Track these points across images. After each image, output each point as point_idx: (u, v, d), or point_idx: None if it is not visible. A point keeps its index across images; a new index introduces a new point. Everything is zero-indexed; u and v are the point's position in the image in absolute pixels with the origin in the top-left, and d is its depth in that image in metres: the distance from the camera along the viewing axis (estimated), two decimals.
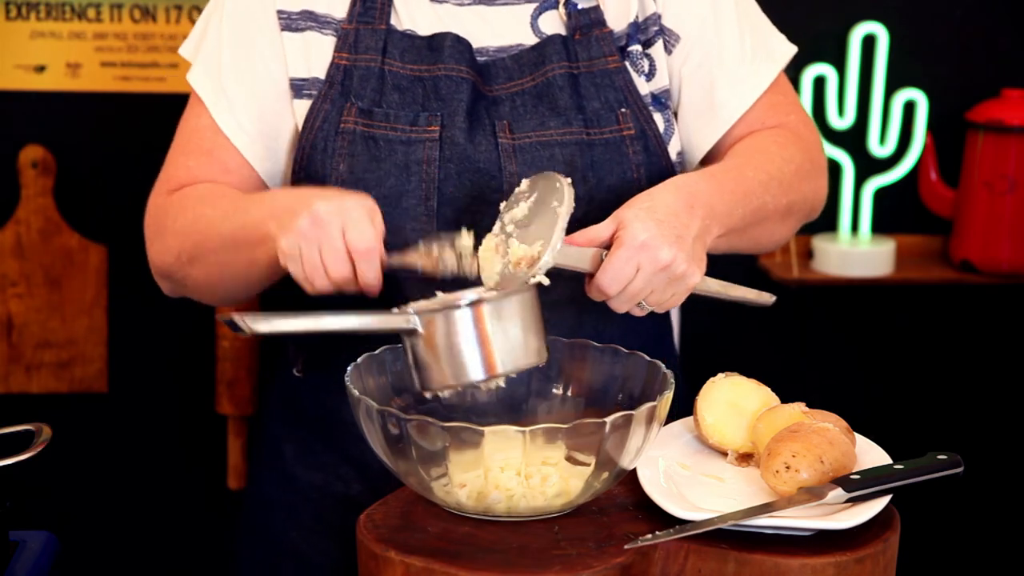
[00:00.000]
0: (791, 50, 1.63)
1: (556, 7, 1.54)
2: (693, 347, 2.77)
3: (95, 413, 2.67)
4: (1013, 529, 2.89)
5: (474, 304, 1.23)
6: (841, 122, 2.77)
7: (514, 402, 1.34)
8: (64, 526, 1.73)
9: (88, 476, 2.69)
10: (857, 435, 1.33)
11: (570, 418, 1.22)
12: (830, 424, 1.27)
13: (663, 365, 1.27)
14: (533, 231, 1.31)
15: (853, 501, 1.20)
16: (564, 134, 1.48)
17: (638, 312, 1.37)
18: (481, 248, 1.35)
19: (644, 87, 1.54)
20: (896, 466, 1.25)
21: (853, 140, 2.78)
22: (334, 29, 1.53)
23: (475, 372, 1.24)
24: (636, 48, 1.54)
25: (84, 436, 2.67)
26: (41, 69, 2.56)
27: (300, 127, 1.52)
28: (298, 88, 1.53)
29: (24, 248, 2.57)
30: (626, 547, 1.15)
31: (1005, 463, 2.86)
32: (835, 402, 1.50)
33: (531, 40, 1.53)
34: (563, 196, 1.30)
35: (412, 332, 1.24)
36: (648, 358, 1.30)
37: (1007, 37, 2.78)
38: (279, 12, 1.52)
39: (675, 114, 1.58)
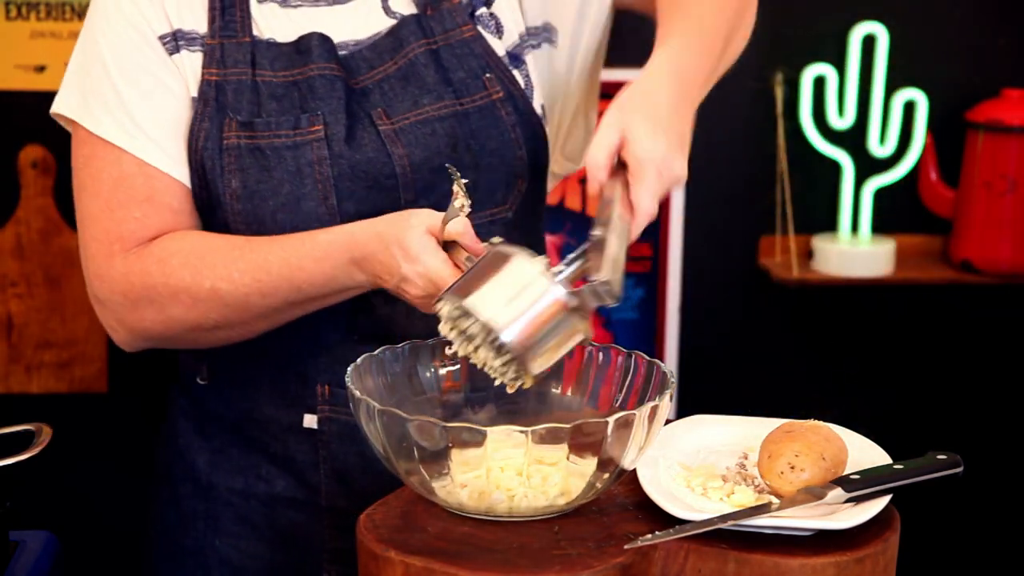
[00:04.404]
0: None
1: None
2: (693, 347, 2.77)
3: (95, 413, 2.67)
4: (1013, 529, 2.89)
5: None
6: (841, 122, 2.77)
7: (515, 402, 1.34)
8: (64, 526, 1.73)
9: (88, 476, 2.69)
10: (857, 435, 1.33)
11: (571, 418, 1.22)
12: (817, 422, 1.29)
13: (663, 364, 1.27)
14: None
15: (853, 501, 1.20)
16: (439, 108, 1.50)
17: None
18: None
19: (500, 48, 1.56)
20: (896, 466, 1.25)
21: (853, 140, 2.78)
22: (200, 45, 1.50)
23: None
24: (483, 11, 1.57)
25: (84, 436, 2.67)
26: (41, 69, 2.56)
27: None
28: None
29: (24, 248, 2.57)
30: (626, 547, 1.15)
31: (1005, 463, 2.86)
32: (835, 402, 1.50)
33: (387, 23, 1.54)
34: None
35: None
36: (648, 358, 1.30)
37: (1007, 37, 2.78)
38: (160, 38, 1.49)
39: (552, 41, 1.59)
